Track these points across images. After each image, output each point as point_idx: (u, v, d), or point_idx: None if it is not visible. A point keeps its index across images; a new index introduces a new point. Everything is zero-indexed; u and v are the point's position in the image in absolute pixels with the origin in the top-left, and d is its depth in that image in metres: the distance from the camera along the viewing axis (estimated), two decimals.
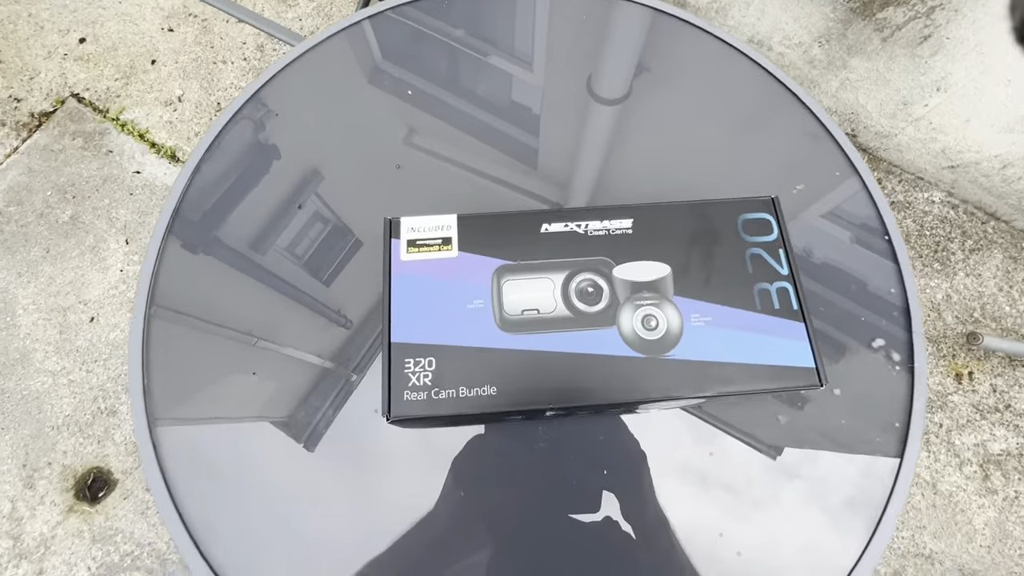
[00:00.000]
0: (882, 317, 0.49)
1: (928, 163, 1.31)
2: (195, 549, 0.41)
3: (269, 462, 0.45)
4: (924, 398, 0.45)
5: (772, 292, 0.37)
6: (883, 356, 0.48)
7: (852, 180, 0.55)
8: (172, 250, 0.52)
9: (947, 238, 1.33)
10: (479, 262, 0.37)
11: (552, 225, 0.38)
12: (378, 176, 0.56)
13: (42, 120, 1.44)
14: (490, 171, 0.56)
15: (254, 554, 0.42)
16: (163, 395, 0.46)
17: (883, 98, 1.25)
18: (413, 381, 0.34)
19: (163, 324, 0.49)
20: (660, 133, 0.58)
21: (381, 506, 0.43)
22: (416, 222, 0.38)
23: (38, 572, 1.09)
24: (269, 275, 0.51)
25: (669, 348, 0.36)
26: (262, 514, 0.43)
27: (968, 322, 1.27)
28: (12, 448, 1.17)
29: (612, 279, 0.37)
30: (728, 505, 0.43)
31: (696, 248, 0.38)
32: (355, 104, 0.59)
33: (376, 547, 0.42)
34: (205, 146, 0.56)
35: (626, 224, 0.39)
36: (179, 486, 0.43)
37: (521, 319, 0.36)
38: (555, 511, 0.43)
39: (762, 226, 0.39)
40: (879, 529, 0.42)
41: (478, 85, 0.61)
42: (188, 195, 0.54)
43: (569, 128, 0.58)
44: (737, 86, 0.61)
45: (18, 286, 1.28)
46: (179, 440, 0.45)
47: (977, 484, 1.18)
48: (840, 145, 0.56)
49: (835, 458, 0.45)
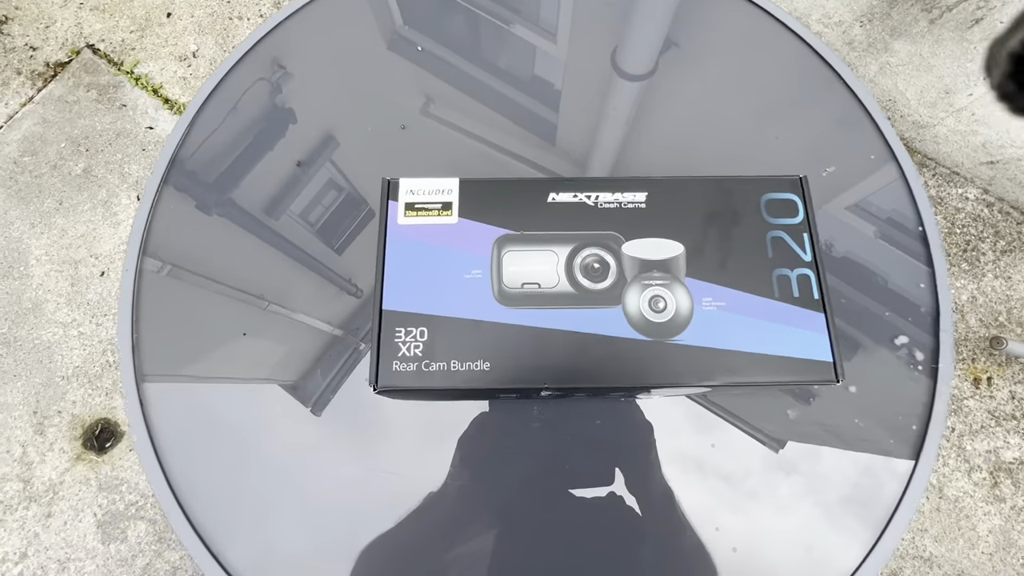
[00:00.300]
0: (908, 313, 0.46)
1: (966, 157, 1.24)
2: (176, 504, 0.41)
3: (265, 425, 0.44)
4: (946, 401, 0.42)
5: (792, 279, 0.35)
6: (905, 355, 0.45)
7: (889, 167, 0.51)
8: (167, 201, 0.51)
9: (978, 237, 1.27)
10: (480, 230, 0.35)
11: (560, 195, 0.36)
12: (385, 139, 0.54)
13: (57, 70, 1.43)
14: (505, 144, 0.53)
15: (238, 515, 0.42)
16: (153, 350, 0.45)
17: (924, 85, 1.18)
18: (403, 351, 0.33)
19: (156, 278, 0.48)
20: (685, 112, 0.55)
21: (374, 475, 0.42)
22: (416, 184, 0.36)
23: (47, 515, 1.13)
24: (270, 232, 0.50)
25: (676, 332, 0.33)
26: (252, 477, 0.43)
27: (992, 326, 1.22)
28: (24, 395, 1.19)
29: (620, 256, 0.35)
30: (725, 498, 0.42)
31: (713, 227, 0.36)
32: (368, 64, 0.56)
33: (367, 516, 0.41)
34: (207, 92, 0.54)
35: (640, 198, 0.36)
36: (166, 445, 0.43)
37: (520, 293, 0.34)
38: (547, 492, 0.41)
39: (787, 207, 0.36)
40: (884, 535, 0.40)
41: (498, 53, 0.57)
42: (187, 144, 0.52)
43: (590, 103, 0.55)
44: (772, 63, 0.57)
45: (31, 236, 1.29)
46: (168, 397, 0.44)
47: (985, 491, 1.15)
48: (880, 129, 0.52)
49: (844, 457, 0.43)
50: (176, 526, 0.40)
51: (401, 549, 0.40)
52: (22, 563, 1.09)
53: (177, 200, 0.51)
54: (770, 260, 0.35)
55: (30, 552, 1.10)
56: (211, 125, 0.53)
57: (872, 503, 0.41)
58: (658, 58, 0.57)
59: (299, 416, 0.44)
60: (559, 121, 0.54)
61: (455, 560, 0.40)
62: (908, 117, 1.26)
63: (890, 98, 1.25)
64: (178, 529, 0.40)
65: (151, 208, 0.50)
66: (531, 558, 0.40)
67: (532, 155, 0.53)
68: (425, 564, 0.40)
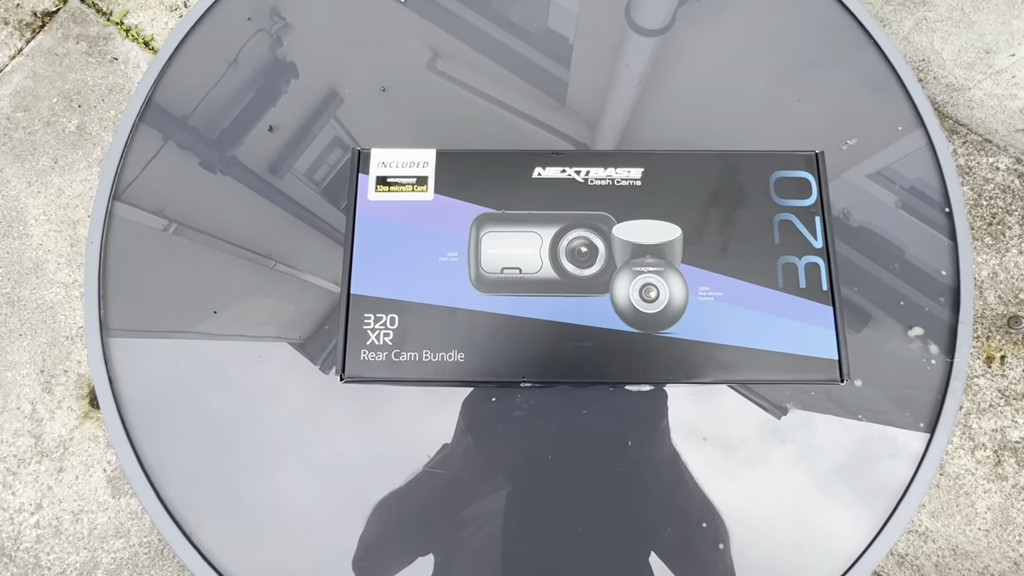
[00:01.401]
0: (925, 299, 0.43)
1: (1001, 124, 1.16)
2: (134, 457, 0.40)
3: (232, 389, 0.43)
4: (958, 397, 0.40)
5: (800, 268, 0.32)
6: (919, 345, 0.42)
7: (917, 135, 0.47)
8: (140, 145, 0.48)
9: (1006, 210, 1.21)
10: (457, 208, 0.32)
11: (546, 170, 0.33)
12: (366, 99, 0.50)
13: (45, 20, 1.37)
14: (510, 101, 0.49)
15: (198, 474, 0.41)
16: (122, 304, 0.44)
17: (963, 43, 1.09)
18: (372, 339, 0.30)
19: (126, 225, 0.46)
20: (702, 71, 0.50)
21: (331, 457, 0.41)
22: (389, 155, 0.33)
23: (59, 469, 1.16)
24: (249, 180, 0.47)
25: (668, 324, 0.31)
26: (254, 435, 0.42)
27: (1012, 303, 1.18)
28: (30, 354, 1.21)
29: (611, 239, 0.32)
30: (721, 466, 0.40)
31: (715, 208, 0.32)
32: (362, 12, 0.52)
33: (374, 474, 0.40)
34: (185, 29, 0.51)
35: (635, 174, 0.33)
36: (132, 411, 0.42)
37: (500, 278, 0.31)
38: (527, 483, 0.40)
39: (799, 187, 0.33)
40: (887, 526, 0.38)
41: (506, 4, 0.52)
42: (161, 85, 0.49)
43: (601, 60, 0.50)
44: (797, 18, 0.51)
45: (28, 196, 1.27)
46: (134, 353, 0.43)
47: (988, 469, 1.14)
48: (910, 94, 0.47)
49: (847, 450, 0.41)
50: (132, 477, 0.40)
51: (412, 507, 0.40)
52: (38, 513, 1.13)
53: (149, 144, 0.49)
54: (776, 246, 0.32)
55: (44, 504, 1.14)
56: (188, 66, 0.51)
57: (873, 492, 0.40)
58: (675, 11, 0.52)
59: (305, 375, 0.43)
60: (568, 78, 0.50)
61: (469, 519, 0.39)
62: (942, 79, 1.17)
63: (923, 58, 1.16)
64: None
65: (123, 150, 0.48)
66: (543, 518, 0.39)
67: (539, 113, 0.49)
68: (438, 522, 0.39)
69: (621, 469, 0.39)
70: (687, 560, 0.39)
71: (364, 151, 0.33)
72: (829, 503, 0.40)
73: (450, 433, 0.40)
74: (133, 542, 1.12)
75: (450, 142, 0.49)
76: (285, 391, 0.43)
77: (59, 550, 1.11)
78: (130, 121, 0.49)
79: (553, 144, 0.48)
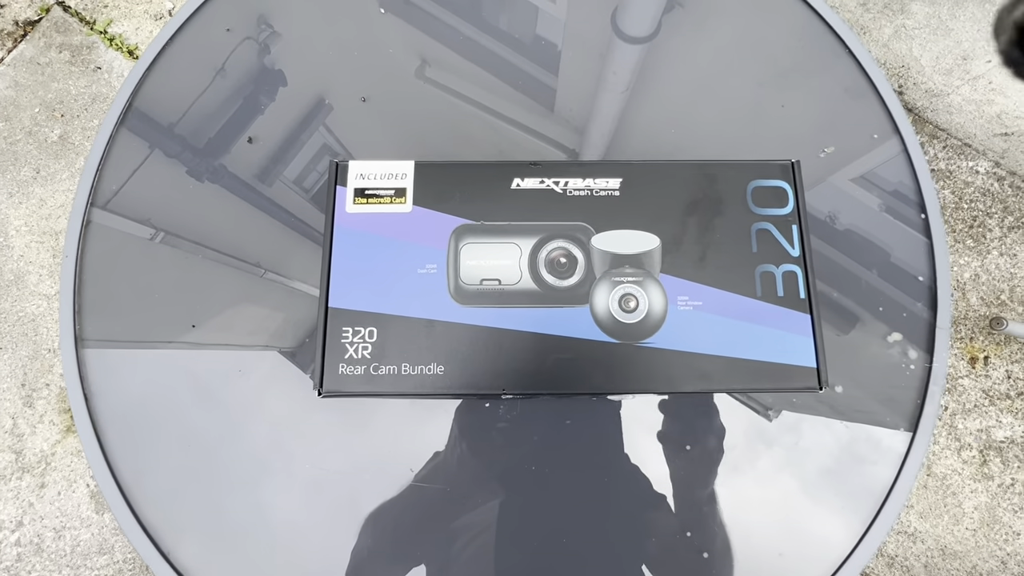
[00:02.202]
0: (903, 304, 0.43)
1: (979, 128, 1.18)
2: (105, 463, 0.40)
3: (212, 402, 0.42)
4: (938, 401, 0.40)
5: (777, 276, 0.32)
6: (898, 350, 0.42)
7: (892, 143, 0.47)
8: (120, 153, 0.48)
9: (986, 213, 1.23)
10: (436, 220, 0.32)
11: (525, 180, 0.33)
12: (349, 107, 0.50)
13: (27, 29, 1.35)
14: (498, 108, 0.49)
15: (174, 484, 0.40)
16: (98, 313, 0.43)
17: (940, 50, 1.11)
18: (350, 353, 0.30)
19: (104, 232, 0.45)
20: (687, 78, 0.51)
21: (315, 471, 0.41)
22: (367, 167, 0.33)
23: (40, 485, 1.14)
24: (231, 186, 0.47)
25: (648, 334, 0.31)
26: (237, 448, 0.41)
27: (994, 304, 1.19)
28: (11, 368, 1.18)
29: (590, 249, 0.32)
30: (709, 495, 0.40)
31: (693, 218, 0.33)
32: (347, 19, 0.52)
33: (365, 484, 0.39)
34: (167, 37, 0.50)
35: (613, 184, 0.33)
36: (109, 426, 0.41)
37: (479, 290, 0.31)
38: (514, 494, 0.40)
39: (775, 196, 0.33)
40: (871, 529, 0.38)
41: (493, 12, 0.53)
42: (142, 93, 0.49)
43: (588, 67, 0.51)
44: (778, 26, 0.52)
45: (10, 206, 1.25)
46: (108, 365, 0.42)
47: (974, 469, 1.15)
48: (885, 103, 0.48)
49: (831, 454, 0.41)
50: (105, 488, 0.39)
51: (404, 517, 0.39)
52: (19, 531, 1.11)
53: (128, 148, 0.48)
54: (754, 255, 0.32)
55: (25, 520, 1.11)
56: (170, 71, 0.51)
57: (853, 504, 0.40)
58: (660, 19, 0.53)
59: (290, 386, 0.42)
60: (557, 86, 0.50)
61: (462, 528, 0.39)
62: (921, 85, 1.19)
63: (903, 64, 1.18)
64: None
65: (102, 157, 0.48)
66: (529, 529, 0.38)
67: (526, 119, 0.49)
68: (429, 535, 0.39)
69: (605, 479, 0.39)
70: (673, 570, 0.38)
71: (342, 163, 0.33)
72: (814, 507, 0.40)
73: (438, 442, 0.40)
74: (117, 559, 1.10)
75: (436, 149, 0.49)
76: (268, 403, 0.42)
77: (41, 568, 1.08)
78: (109, 129, 0.49)
79: (542, 150, 0.48)
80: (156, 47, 0.52)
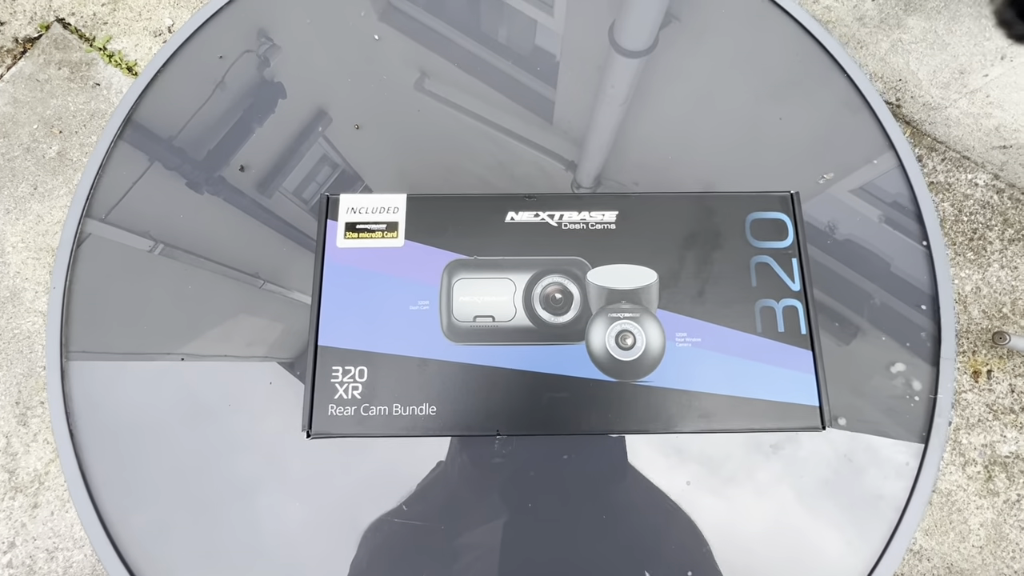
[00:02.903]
0: (906, 333, 0.42)
1: (978, 141, 1.18)
2: (81, 480, 0.39)
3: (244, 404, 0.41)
4: (943, 437, 0.39)
5: (778, 311, 0.31)
6: (901, 383, 0.42)
7: (892, 171, 0.47)
8: (118, 162, 0.48)
9: (986, 225, 1.22)
10: (429, 255, 0.31)
11: (519, 214, 0.32)
12: (345, 129, 0.49)
13: (26, 47, 1.36)
14: (496, 119, 0.49)
15: (148, 506, 0.39)
16: (86, 327, 0.42)
17: (937, 64, 1.11)
18: (340, 393, 0.29)
19: (98, 245, 0.45)
20: (683, 92, 0.51)
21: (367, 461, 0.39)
22: (358, 201, 0.32)
23: (33, 505, 1.12)
24: (231, 199, 0.47)
25: (645, 372, 0.30)
26: (231, 460, 0.40)
27: (995, 317, 1.19)
28: (5, 385, 1.17)
29: (586, 284, 0.31)
30: (711, 531, 0.39)
31: (691, 252, 0.32)
32: (349, 33, 0.52)
33: (363, 498, 0.38)
34: (168, 54, 0.50)
35: (609, 217, 0.32)
36: (86, 442, 0.40)
37: (472, 327, 0.30)
38: (512, 532, 0.39)
39: (775, 229, 0.33)
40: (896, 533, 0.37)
41: (491, 26, 0.53)
42: (142, 106, 0.49)
43: (587, 80, 0.50)
44: (773, 42, 0.52)
45: (7, 223, 1.25)
46: (93, 378, 0.42)
47: (979, 485, 1.14)
48: (879, 120, 0.47)
49: (836, 487, 0.40)
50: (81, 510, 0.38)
51: (404, 532, 0.38)
52: (10, 552, 1.09)
53: (126, 161, 0.48)
54: (754, 290, 0.32)
55: (18, 542, 1.10)
56: (169, 87, 0.51)
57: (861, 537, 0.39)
58: (658, 33, 0.53)
59: (288, 404, 0.41)
60: (556, 99, 0.50)
61: (463, 549, 0.37)
62: (919, 98, 1.19)
63: (900, 78, 1.18)
64: None
65: (99, 168, 0.48)
66: (537, 551, 0.37)
67: (527, 132, 0.49)
68: (432, 549, 0.37)
69: (603, 516, 0.38)
70: None
71: (333, 197, 0.32)
72: (821, 542, 0.39)
73: (434, 475, 0.39)
74: None
75: (436, 160, 0.49)
76: (262, 425, 0.41)
77: None
78: (108, 141, 0.49)
79: (540, 162, 0.48)
80: (156, 64, 0.53)
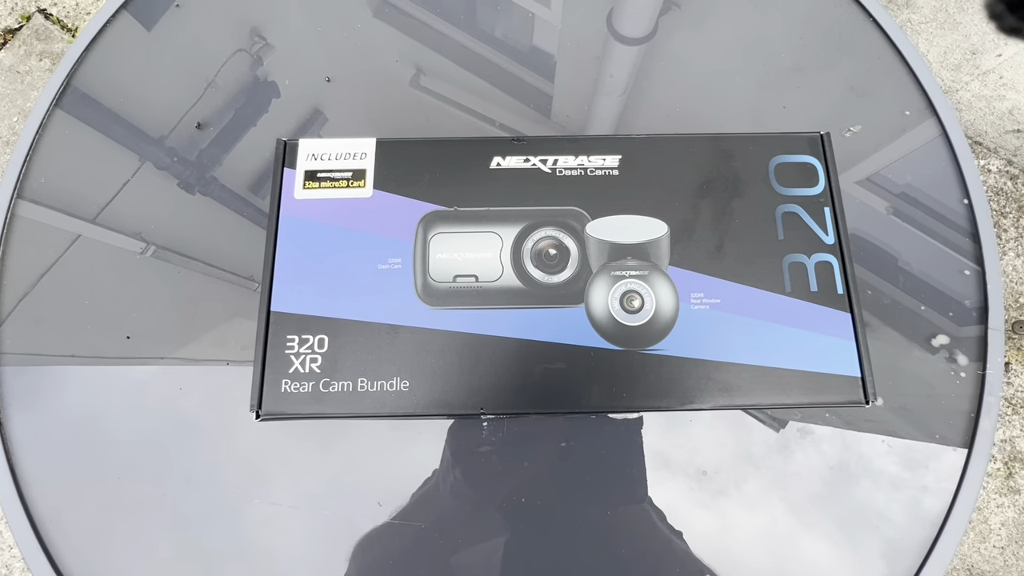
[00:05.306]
0: (947, 305, 0.38)
1: (990, 125, 1.14)
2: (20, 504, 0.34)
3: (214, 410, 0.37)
4: (995, 414, 0.34)
5: (809, 267, 0.27)
6: (945, 355, 0.37)
7: (928, 124, 0.43)
8: (54, 133, 0.45)
9: (1000, 212, 1.19)
10: (401, 206, 0.27)
11: (507, 159, 0.28)
12: (313, 89, 0.46)
13: (7, 37, 1.32)
14: (491, 114, 0.48)
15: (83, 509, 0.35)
16: (24, 324, 0.38)
17: (948, 45, 1.07)
18: (296, 366, 0.25)
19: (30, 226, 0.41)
20: (688, 77, 0.49)
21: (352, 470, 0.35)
22: (320, 146, 0.28)
23: None
24: (169, 168, 0.43)
25: (656, 339, 0.26)
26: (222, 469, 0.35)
27: (1012, 307, 1.14)
28: None
29: (584, 238, 0.27)
30: (729, 531, 0.34)
31: (707, 200, 0.27)
32: (339, 22, 0.49)
33: (355, 511, 0.34)
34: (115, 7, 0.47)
35: (611, 162, 0.28)
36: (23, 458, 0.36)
37: (452, 288, 0.26)
38: (505, 530, 0.34)
39: (804, 174, 0.28)
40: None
41: (485, 14, 0.51)
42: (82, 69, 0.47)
43: (583, 70, 0.49)
44: (783, 19, 0.50)
45: None
46: (28, 384, 0.37)
47: (999, 483, 1.09)
48: (918, 78, 0.44)
49: (869, 487, 0.35)
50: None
51: (398, 547, 0.34)
52: None
53: (65, 132, 0.45)
54: (781, 243, 0.27)
55: None
56: (114, 45, 0.49)
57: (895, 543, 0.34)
58: (657, 19, 0.52)
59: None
60: (554, 91, 0.49)
61: (459, 565, 0.33)
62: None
63: None
64: None
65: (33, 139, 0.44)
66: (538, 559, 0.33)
67: (524, 127, 0.47)
68: (428, 565, 0.33)
69: (608, 513, 0.33)
70: None
71: (291, 141, 0.28)
72: (854, 550, 0.34)
73: (415, 469, 0.34)
74: None
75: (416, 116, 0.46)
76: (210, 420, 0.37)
77: None
78: (39, 115, 0.46)
79: None
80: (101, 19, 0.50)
